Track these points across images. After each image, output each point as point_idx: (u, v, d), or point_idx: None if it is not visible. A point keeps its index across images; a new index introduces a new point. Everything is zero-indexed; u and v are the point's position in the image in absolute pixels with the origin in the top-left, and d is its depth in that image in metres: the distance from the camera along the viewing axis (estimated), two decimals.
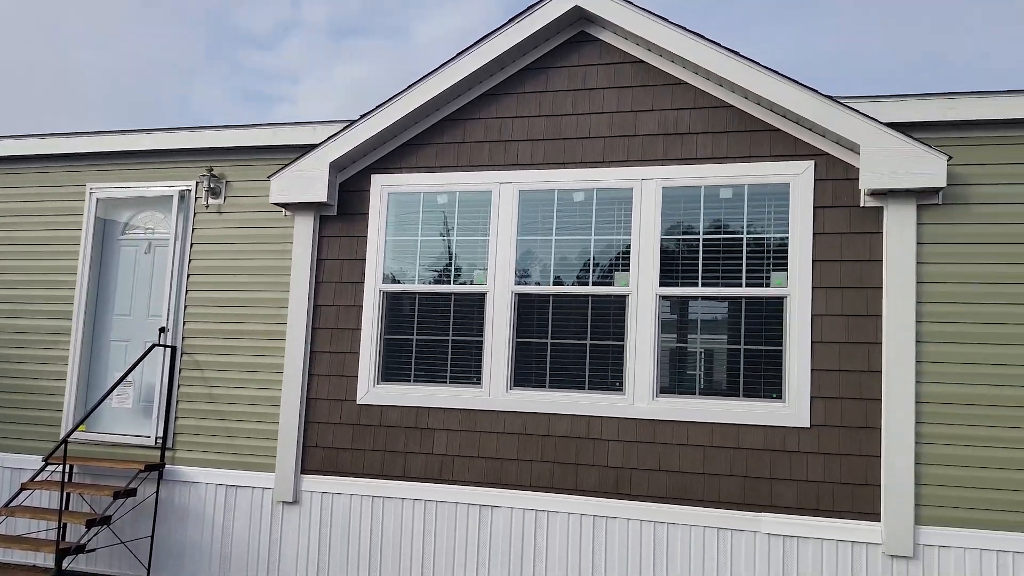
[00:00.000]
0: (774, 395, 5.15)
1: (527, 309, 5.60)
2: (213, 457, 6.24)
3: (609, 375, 5.44)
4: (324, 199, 5.84)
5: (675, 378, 5.33)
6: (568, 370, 5.49)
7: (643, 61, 5.53)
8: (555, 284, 5.56)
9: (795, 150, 5.20)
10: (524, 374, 5.57)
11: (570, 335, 5.50)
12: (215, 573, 6.09)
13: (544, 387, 5.53)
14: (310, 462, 5.93)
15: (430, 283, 5.79)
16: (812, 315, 5.08)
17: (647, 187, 5.40)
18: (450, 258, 5.79)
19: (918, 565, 4.83)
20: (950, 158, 4.81)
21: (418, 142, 5.95)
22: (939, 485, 4.84)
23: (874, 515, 4.91)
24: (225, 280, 6.37)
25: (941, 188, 4.82)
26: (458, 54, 5.61)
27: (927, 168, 4.72)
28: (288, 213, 6.17)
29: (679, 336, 5.35)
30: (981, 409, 4.83)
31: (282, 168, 6.00)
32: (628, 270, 5.40)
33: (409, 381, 5.76)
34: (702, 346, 5.33)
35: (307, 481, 5.95)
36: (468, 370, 5.66)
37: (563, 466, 5.43)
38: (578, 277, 5.52)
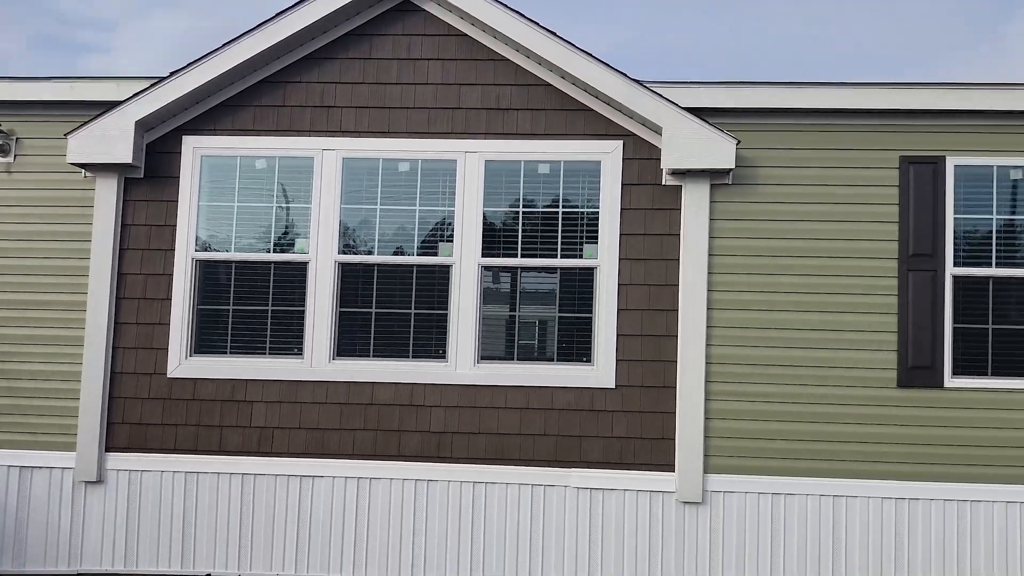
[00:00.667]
0: (584, 359, 5.53)
1: (351, 279, 5.62)
2: (4, 437, 5.77)
3: (433, 343, 5.60)
4: (129, 160, 5.52)
5: (495, 345, 5.58)
6: (393, 339, 5.59)
7: (467, 35, 5.67)
8: (380, 254, 5.62)
9: (606, 130, 5.57)
10: (348, 344, 5.61)
11: (395, 305, 5.59)
12: (8, 563, 5.67)
13: (368, 356, 5.60)
14: (116, 439, 5.64)
15: (248, 251, 5.66)
16: (619, 285, 5.50)
17: (471, 160, 5.58)
18: (270, 226, 5.68)
19: (706, 509, 5.41)
20: (739, 142, 5.36)
21: (235, 103, 5.75)
22: (725, 437, 5.43)
23: (670, 466, 5.43)
24: (17, 247, 5.87)
25: (731, 169, 5.36)
26: (278, 14, 5.47)
27: (719, 150, 5.24)
28: (89, 175, 5.77)
29: (500, 305, 5.60)
30: (763, 369, 5.47)
31: (81, 125, 5.59)
32: (452, 241, 5.56)
33: (225, 353, 5.62)
34: (521, 314, 5.60)
35: (112, 459, 5.67)
36: (289, 341, 5.61)
37: (386, 433, 5.55)
38: (403, 247, 5.61)
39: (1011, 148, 5.48)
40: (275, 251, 5.66)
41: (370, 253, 5.61)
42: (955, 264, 5.40)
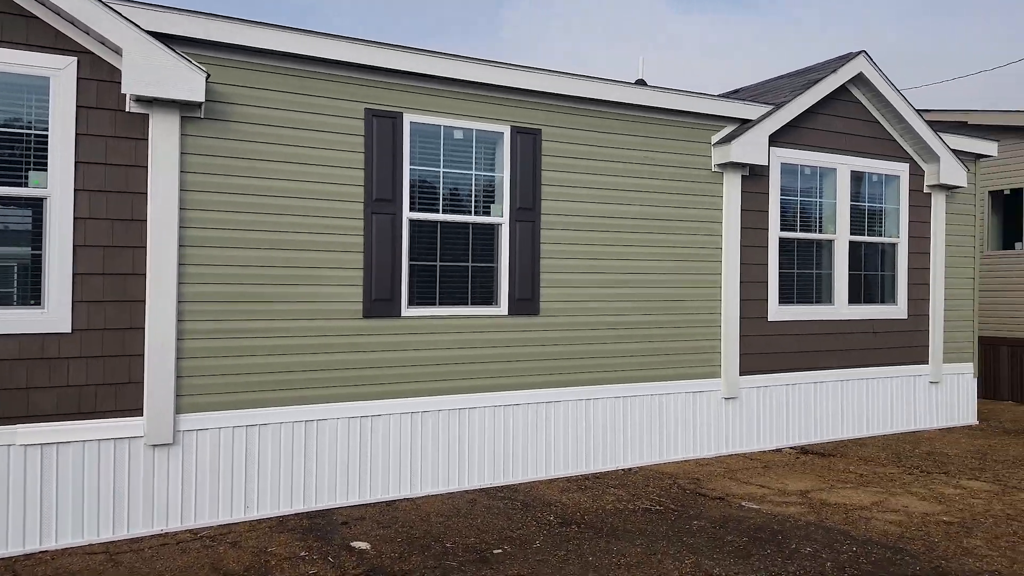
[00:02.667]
0: (32, 301, 4.99)
1: None
2: None
3: None
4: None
5: None
6: None
7: None
8: None
9: (56, 43, 4.96)
10: None
11: None
12: None
13: None
14: None
15: None
16: (75, 218, 5.06)
17: None
18: None
19: (178, 449, 5.45)
20: (209, 75, 5.28)
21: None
22: (199, 375, 5.49)
23: (138, 410, 5.31)
24: None
25: (202, 103, 5.26)
26: None
27: (186, 81, 5.08)
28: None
29: None
30: (239, 306, 5.63)
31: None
32: None
33: None
34: None
35: None
36: None
37: None
38: None
39: (456, 112, 6.46)
40: None
41: None
42: (411, 209, 6.24)
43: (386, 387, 6.17)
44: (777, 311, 8.16)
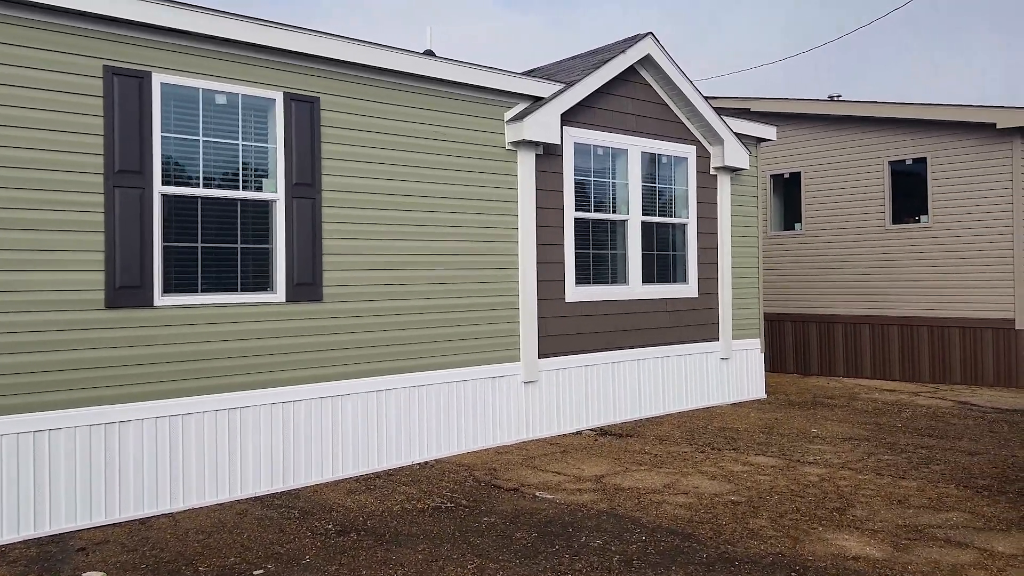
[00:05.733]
0: None
1: None
2: None
3: None
4: None
5: None
6: None
7: None
8: None
9: None
10: None
11: None
12: None
13: None
14: None
15: None
16: None
17: None
18: None
19: None
20: None
21: None
22: None
23: None
24: None
25: None
26: None
27: None
28: None
29: None
30: None
31: None
32: None
33: None
34: None
35: None
36: None
37: None
38: None
39: (218, 74, 5.94)
40: None
41: None
42: (164, 183, 5.67)
43: (136, 388, 5.60)
44: (574, 292, 8.36)
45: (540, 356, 8.06)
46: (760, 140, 10.74)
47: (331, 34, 6.37)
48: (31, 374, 5.18)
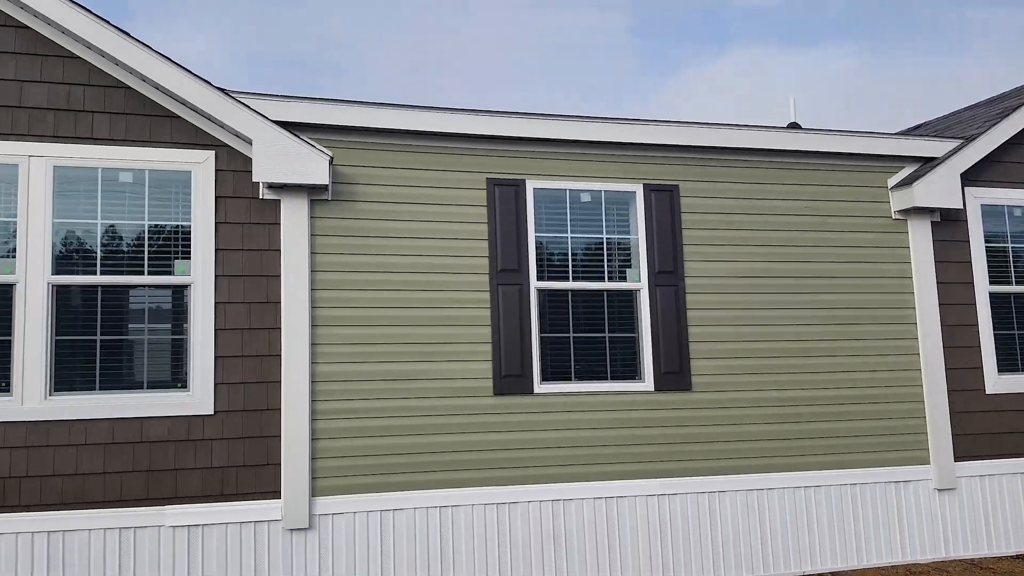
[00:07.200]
0: (179, 384, 5.83)
1: None
2: None
3: None
4: None
5: (73, 374, 5.66)
6: None
7: (29, 27, 5.76)
8: None
9: (197, 139, 6.01)
10: None
11: None
12: None
13: None
14: None
15: None
16: (216, 303, 5.94)
17: (36, 164, 5.64)
18: None
19: (315, 534, 5.99)
20: (332, 158, 6.07)
21: None
22: (332, 457, 6.08)
23: (275, 493, 5.96)
24: None
25: (328, 185, 6.04)
26: None
27: (311, 165, 5.93)
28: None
29: (78, 328, 5.69)
30: (369, 384, 6.27)
31: None
32: (15, 256, 5.55)
33: None
34: (102, 338, 5.74)
35: None
36: None
37: None
38: None
39: (582, 174, 6.86)
40: None
41: None
42: (539, 278, 6.61)
43: (519, 471, 6.40)
44: (997, 381, 7.50)
45: (956, 459, 7.30)
46: None
47: (687, 122, 7.00)
48: (439, 453, 6.36)
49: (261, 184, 6.09)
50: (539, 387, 6.60)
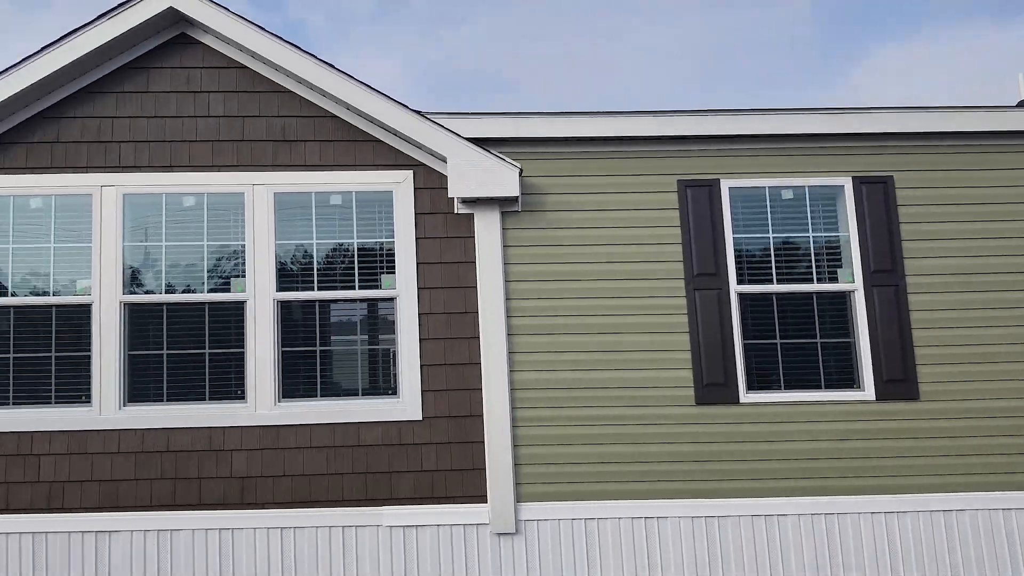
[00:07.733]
0: (390, 392, 6.32)
1: (139, 320, 6.29)
2: None
3: (232, 383, 6.29)
4: None
5: (297, 382, 6.32)
6: (188, 381, 6.29)
7: (247, 67, 6.51)
8: (168, 292, 6.30)
9: (396, 160, 6.49)
10: (140, 388, 6.27)
11: (188, 344, 6.27)
12: None
13: (162, 400, 6.23)
14: None
15: (25, 295, 6.22)
16: (419, 314, 6.37)
17: (259, 192, 6.34)
18: (49, 267, 6.26)
19: (521, 540, 6.27)
20: (521, 170, 6.32)
21: (6, 140, 6.34)
22: (535, 464, 6.34)
23: (482, 497, 6.30)
24: None
25: (518, 196, 6.28)
26: (43, 48, 6.13)
27: (503, 178, 6.21)
28: None
29: (299, 340, 6.34)
30: (565, 392, 6.42)
31: None
32: (244, 276, 6.27)
33: (8, 404, 6.13)
34: (323, 348, 6.35)
35: None
36: (76, 388, 6.18)
37: (186, 481, 6.23)
38: (193, 284, 6.28)
39: (781, 170, 6.62)
40: (55, 295, 6.25)
41: (158, 292, 6.40)
42: (739, 282, 6.45)
43: (728, 484, 6.28)
44: None
45: None
46: None
47: (900, 107, 6.66)
48: (641, 463, 6.47)
49: (456, 199, 6.45)
50: (745, 396, 6.44)
